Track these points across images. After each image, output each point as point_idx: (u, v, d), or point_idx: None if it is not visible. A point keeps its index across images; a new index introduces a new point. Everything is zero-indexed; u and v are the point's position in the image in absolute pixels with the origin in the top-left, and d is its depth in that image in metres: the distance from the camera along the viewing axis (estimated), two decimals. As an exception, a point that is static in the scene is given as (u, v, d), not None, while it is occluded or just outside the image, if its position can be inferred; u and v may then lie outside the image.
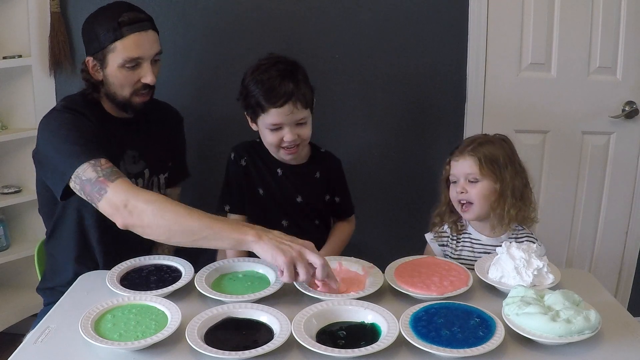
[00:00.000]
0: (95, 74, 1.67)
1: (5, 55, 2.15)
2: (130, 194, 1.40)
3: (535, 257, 1.40)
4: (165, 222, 1.37)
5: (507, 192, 1.64)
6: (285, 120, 1.64)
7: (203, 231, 1.36)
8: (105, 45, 1.61)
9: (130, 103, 1.68)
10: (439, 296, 1.33)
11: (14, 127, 2.28)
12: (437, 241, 1.77)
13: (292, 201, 1.81)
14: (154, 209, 1.37)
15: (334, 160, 1.88)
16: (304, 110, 1.67)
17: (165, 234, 1.39)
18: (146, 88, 1.68)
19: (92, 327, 1.20)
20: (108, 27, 1.60)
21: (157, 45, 1.68)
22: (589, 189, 2.42)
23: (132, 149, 1.74)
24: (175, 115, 1.95)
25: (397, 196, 2.39)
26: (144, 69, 1.65)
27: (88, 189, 1.43)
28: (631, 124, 2.34)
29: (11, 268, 2.37)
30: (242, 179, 1.80)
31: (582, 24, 2.24)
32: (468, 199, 1.66)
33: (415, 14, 2.21)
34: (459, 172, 1.68)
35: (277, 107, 1.63)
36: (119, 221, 1.39)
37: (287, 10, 2.19)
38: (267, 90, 1.63)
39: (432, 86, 2.29)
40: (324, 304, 1.28)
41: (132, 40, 1.61)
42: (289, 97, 1.63)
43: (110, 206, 1.40)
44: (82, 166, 1.44)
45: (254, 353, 1.11)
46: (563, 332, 1.14)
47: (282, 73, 1.65)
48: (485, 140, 1.69)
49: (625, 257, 2.50)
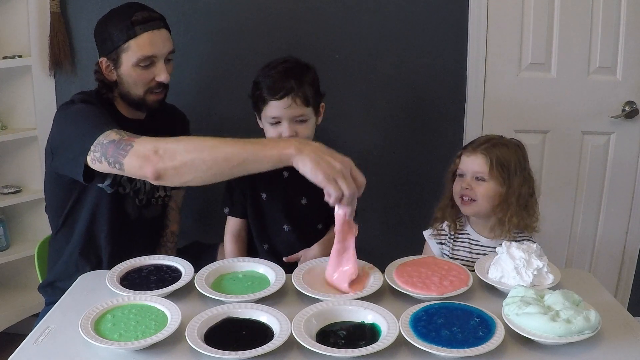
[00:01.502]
0: (109, 74, 1.68)
1: (5, 55, 2.15)
2: (158, 141, 1.35)
3: (535, 257, 1.39)
4: (200, 154, 1.31)
5: (512, 199, 1.64)
6: (283, 114, 1.64)
7: (240, 155, 1.31)
8: (119, 45, 1.62)
9: (145, 102, 1.70)
10: (438, 296, 1.33)
11: (14, 127, 2.28)
12: (435, 239, 1.78)
13: (296, 204, 1.80)
14: (185, 145, 1.33)
15: None
16: (304, 108, 1.66)
17: (201, 168, 1.31)
18: (160, 87, 1.69)
19: (92, 327, 1.20)
20: (121, 27, 1.61)
21: (170, 44, 1.69)
22: (589, 189, 2.42)
23: None
24: (182, 118, 1.96)
25: (397, 196, 2.39)
26: (157, 67, 1.66)
27: (112, 150, 1.37)
28: (631, 124, 2.34)
29: (11, 268, 2.37)
30: (244, 184, 1.78)
31: (582, 24, 2.24)
32: (471, 196, 1.66)
33: (415, 14, 2.21)
34: (468, 168, 1.68)
35: (276, 99, 1.63)
36: (149, 170, 1.32)
37: (288, 10, 2.20)
38: (270, 83, 1.65)
39: (432, 86, 2.29)
40: (324, 304, 1.28)
41: (146, 38, 1.62)
42: (289, 91, 1.63)
43: (139, 157, 1.34)
44: (105, 133, 1.40)
45: (254, 353, 1.11)
46: (563, 332, 1.14)
47: (288, 70, 1.66)
48: (501, 143, 1.69)
49: (625, 257, 2.50)
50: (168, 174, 1.32)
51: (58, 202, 1.72)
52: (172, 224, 1.96)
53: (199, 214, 2.32)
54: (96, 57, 1.71)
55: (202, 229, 2.27)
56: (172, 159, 1.31)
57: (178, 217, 1.99)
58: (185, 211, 2.23)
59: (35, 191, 2.30)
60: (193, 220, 2.29)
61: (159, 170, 1.32)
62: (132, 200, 1.76)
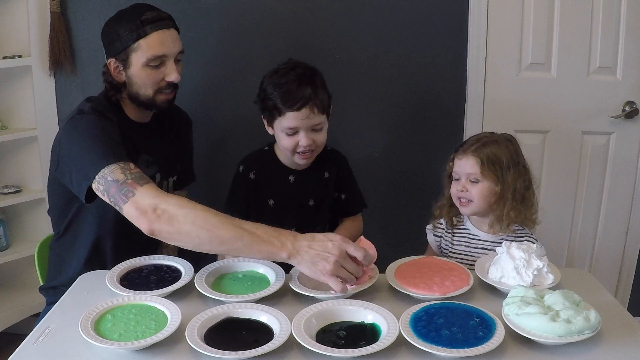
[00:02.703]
0: (118, 75, 1.65)
1: (5, 55, 2.15)
2: (160, 198, 1.34)
3: (535, 257, 1.39)
4: (196, 229, 1.30)
5: (507, 195, 1.64)
6: (301, 124, 1.63)
7: (235, 242, 1.31)
8: (129, 45, 1.60)
9: (154, 102, 1.68)
10: (441, 296, 1.33)
11: (14, 127, 2.28)
12: (432, 231, 1.80)
13: (304, 206, 1.80)
14: (185, 214, 1.31)
15: (340, 158, 1.88)
16: (321, 116, 1.65)
17: (195, 241, 1.32)
18: (170, 87, 1.67)
19: (92, 327, 1.20)
20: (131, 27, 1.59)
21: (180, 44, 1.68)
22: (589, 189, 2.42)
23: (146, 153, 1.73)
24: (185, 119, 1.95)
25: (397, 196, 2.39)
26: (168, 67, 1.64)
27: (113, 191, 1.36)
28: (631, 124, 2.34)
29: (11, 268, 2.37)
30: (249, 192, 1.78)
31: (582, 24, 2.24)
32: (468, 197, 1.67)
33: (415, 14, 2.21)
34: (461, 171, 1.68)
35: (294, 110, 1.61)
36: (144, 225, 1.32)
37: (289, 10, 2.19)
38: (285, 94, 1.62)
39: (432, 86, 2.29)
40: (324, 304, 1.28)
41: (156, 38, 1.60)
42: (307, 101, 1.62)
43: (137, 209, 1.33)
44: (110, 167, 1.39)
45: (254, 353, 1.11)
46: (563, 332, 1.14)
47: (300, 77, 1.64)
48: (490, 141, 1.69)
49: (625, 257, 2.50)
50: (162, 235, 1.33)
51: (61, 207, 1.70)
52: None
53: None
54: (96, 57, 1.71)
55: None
56: (169, 223, 1.31)
57: None
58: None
59: (35, 191, 2.30)
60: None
61: (154, 229, 1.32)
62: None
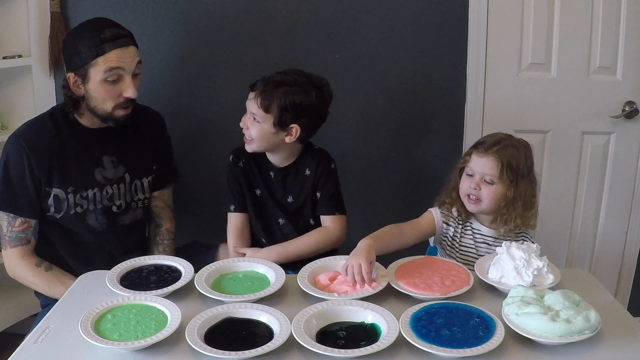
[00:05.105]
0: (77, 89, 1.68)
1: (5, 55, 2.14)
2: (17, 266, 1.72)
3: (535, 257, 1.40)
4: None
5: (518, 202, 1.64)
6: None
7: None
8: (87, 62, 1.62)
9: (113, 117, 1.71)
10: (441, 296, 1.33)
11: (14, 127, 2.26)
12: (443, 217, 1.75)
13: (284, 202, 1.86)
14: (30, 284, 1.74)
15: (324, 156, 1.88)
16: (258, 108, 1.71)
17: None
18: (128, 102, 1.70)
19: (92, 327, 1.20)
20: (90, 44, 1.61)
21: (137, 58, 1.70)
22: (589, 189, 2.41)
23: (110, 155, 1.76)
24: (156, 117, 1.95)
25: (397, 197, 2.39)
26: (125, 82, 1.67)
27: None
28: (631, 124, 2.34)
29: (11, 268, 2.36)
30: (241, 179, 1.85)
31: (582, 24, 2.23)
32: (478, 196, 1.66)
33: (415, 15, 2.21)
34: (478, 169, 1.66)
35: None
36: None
37: (288, 12, 2.19)
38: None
39: (432, 86, 2.29)
40: (324, 304, 1.28)
41: (114, 56, 1.62)
42: (254, 87, 1.73)
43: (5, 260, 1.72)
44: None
45: (254, 353, 1.11)
46: (563, 332, 1.14)
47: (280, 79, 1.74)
48: (511, 144, 1.67)
49: (625, 257, 2.50)
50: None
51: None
52: (165, 222, 1.95)
53: (199, 213, 2.31)
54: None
55: (201, 229, 2.27)
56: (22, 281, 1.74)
57: (170, 214, 1.98)
58: (185, 211, 2.23)
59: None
60: (192, 220, 2.29)
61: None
62: (95, 213, 1.77)
